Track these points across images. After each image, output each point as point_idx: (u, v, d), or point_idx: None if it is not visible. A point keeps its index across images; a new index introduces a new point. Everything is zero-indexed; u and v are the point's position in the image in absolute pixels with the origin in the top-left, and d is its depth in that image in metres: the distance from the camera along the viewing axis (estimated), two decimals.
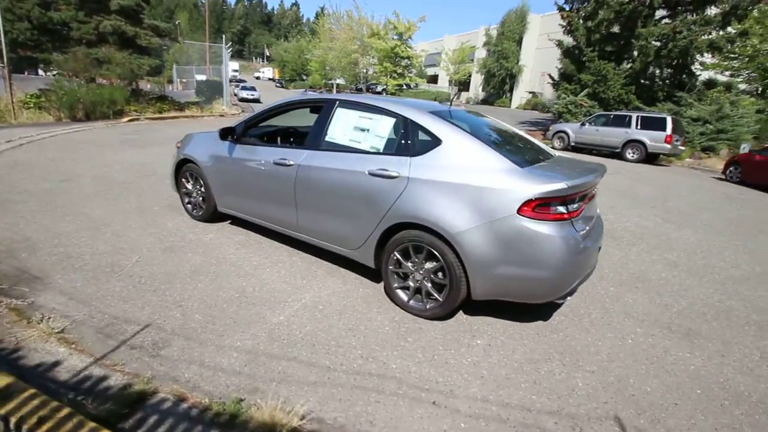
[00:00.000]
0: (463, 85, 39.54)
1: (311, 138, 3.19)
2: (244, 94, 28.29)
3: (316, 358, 2.25)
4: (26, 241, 3.47)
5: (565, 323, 2.86)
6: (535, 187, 2.31)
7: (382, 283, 3.16)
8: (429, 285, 2.69)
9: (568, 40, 18.52)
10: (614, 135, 13.29)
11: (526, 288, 2.45)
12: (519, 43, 34.40)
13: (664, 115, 12.86)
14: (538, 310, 2.92)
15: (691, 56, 15.45)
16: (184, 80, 28.28)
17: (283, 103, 3.54)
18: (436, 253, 2.56)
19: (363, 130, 2.97)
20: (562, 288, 2.44)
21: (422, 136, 2.73)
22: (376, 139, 2.88)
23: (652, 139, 12.54)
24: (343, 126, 3.07)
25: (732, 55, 15.79)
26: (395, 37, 27.53)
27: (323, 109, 3.19)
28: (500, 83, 35.86)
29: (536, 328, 2.76)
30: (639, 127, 12.84)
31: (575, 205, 2.42)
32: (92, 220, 4.09)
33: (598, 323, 2.90)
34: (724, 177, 11.14)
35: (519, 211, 2.31)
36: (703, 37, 14.27)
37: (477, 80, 38.86)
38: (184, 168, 4.19)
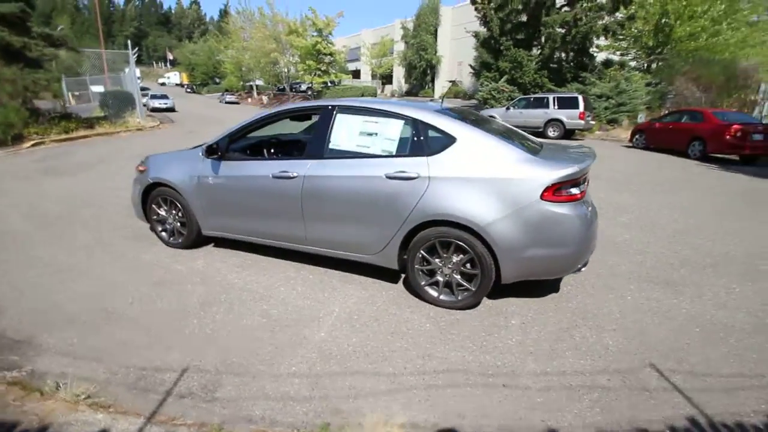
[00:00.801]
0: (386, 78, 40.22)
1: (313, 147, 3.10)
2: (156, 103, 25.63)
3: (377, 367, 2.26)
4: None
5: (573, 291, 3.16)
6: (552, 173, 2.52)
7: (399, 282, 3.21)
8: (459, 277, 2.80)
9: (484, 31, 19.67)
10: (536, 116, 14.56)
11: (551, 265, 2.68)
12: (435, 34, 35.76)
13: (576, 95, 14.36)
14: (547, 284, 3.19)
15: (589, 40, 17.37)
16: (77, 93, 25.01)
17: (271, 114, 3.38)
18: (465, 246, 2.68)
19: (371, 134, 2.96)
20: (581, 260, 2.70)
21: (435, 135, 2.81)
22: (387, 142, 2.90)
23: (568, 117, 13.96)
24: (347, 132, 3.03)
25: (620, 37, 18.04)
26: (315, 33, 27.06)
27: (320, 117, 3.12)
28: (422, 74, 37.05)
29: (553, 300, 3.02)
30: (556, 107, 14.20)
31: (583, 186, 2.68)
32: (51, 263, 3.56)
33: (598, 287, 3.25)
34: (631, 144, 12.78)
35: (542, 196, 2.51)
36: (599, 22, 16.08)
37: (399, 73, 39.72)
38: (153, 193, 3.82)
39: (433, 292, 2.90)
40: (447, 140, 2.75)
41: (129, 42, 18.16)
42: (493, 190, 2.58)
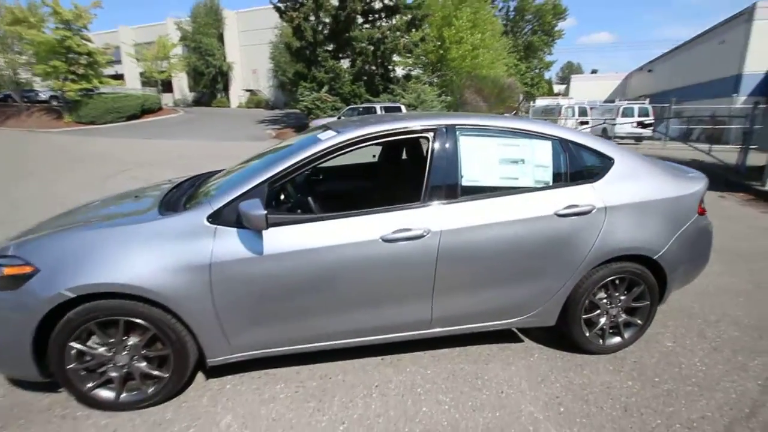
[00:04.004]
0: (165, 85, 34.11)
1: (435, 186, 2.09)
2: None
3: None
4: None
5: None
6: (700, 185, 2.50)
7: (548, 348, 2.59)
8: (624, 316, 2.46)
9: (295, 41, 19.13)
10: None
11: (688, 279, 2.65)
12: (221, 39, 32.62)
13: (399, 104, 15.80)
14: None
15: (390, 57, 19.40)
16: None
17: (345, 142, 2.10)
18: (637, 279, 2.36)
19: (515, 162, 2.22)
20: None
21: (590, 157, 2.34)
22: (540, 171, 2.23)
23: None
24: (482, 160, 2.19)
25: (410, 55, 20.90)
26: (61, 26, 20.22)
27: (435, 142, 2.14)
28: (211, 82, 33.26)
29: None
30: None
31: None
32: None
33: None
34: None
35: (698, 210, 2.45)
36: (402, 41, 18.11)
37: (182, 79, 34.38)
38: (72, 316, 1.82)
39: (599, 341, 2.46)
40: (604, 162, 2.34)
41: None
42: (664, 213, 2.35)
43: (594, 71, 57.23)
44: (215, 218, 1.89)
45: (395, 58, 20.43)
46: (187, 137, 17.13)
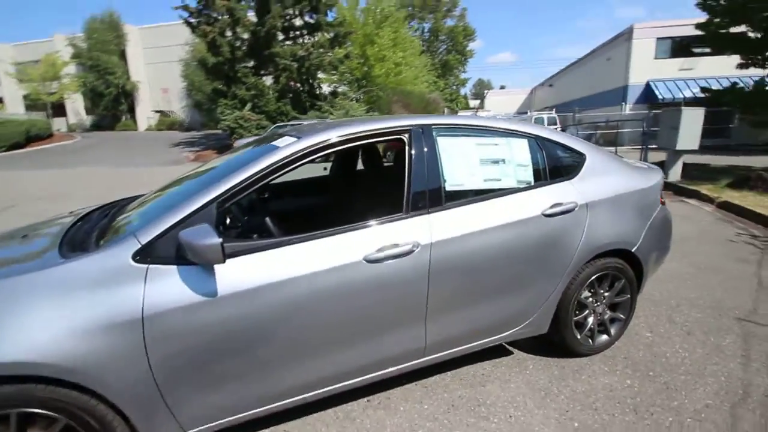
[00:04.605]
0: (56, 108, 30.01)
1: (416, 192, 1.83)
2: None
3: None
4: None
5: None
6: (660, 177, 2.58)
7: (540, 357, 2.44)
8: (610, 312, 2.40)
9: (210, 57, 18.02)
10: None
11: (658, 266, 2.70)
12: (123, 56, 29.71)
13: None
14: None
15: (315, 73, 19.14)
16: None
17: (313, 146, 1.73)
18: (618, 274, 2.32)
19: (495, 162, 2.06)
20: None
21: (564, 153, 2.26)
22: (521, 170, 2.09)
23: None
24: (463, 162, 1.98)
25: (339, 71, 20.87)
26: None
27: (410, 145, 1.89)
28: (113, 103, 29.98)
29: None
30: None
31: None
32: None
33: None
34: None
35: (661, 201, 2.51)
36: (327, 57, 17.94)
37: (78, 101, 30.58)
38: None
39: (590, 341, 2.37)
40: (576, 158, 2.29)
41: None
42: (636, 205, 2.36)
43: (503, 87, 62.82)
44: (145, 255, 1.41)
45: (320, 75, 20.22)
46: (89, 164, 15.05)
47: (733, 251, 4.15)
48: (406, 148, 1.88)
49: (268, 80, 19.09)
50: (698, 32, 10.14)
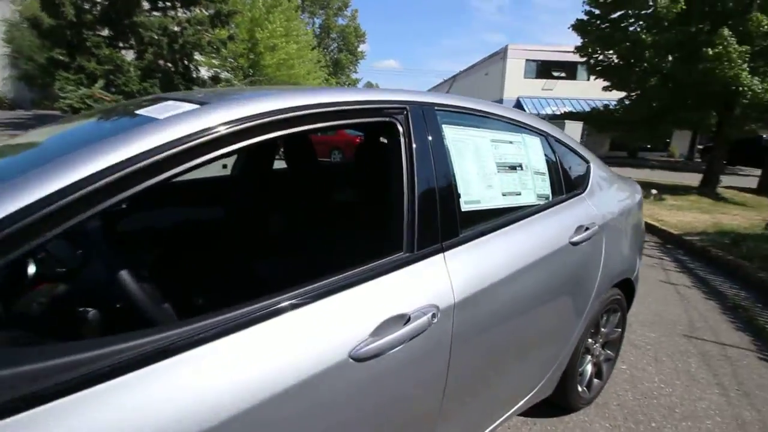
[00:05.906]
0: None
1: (422, 217, 1.07)
2: None
3: None
4: None
5: None
6: (639, 187, 2.30)
7: (533, 419, 1.89)
8: (605, 352, 2.01)
9: (47, 18, 14.07)
10: None
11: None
12: None
13: None
14: None
15: (191, 53, 16.53)
16: None
17: (246, 119, 0.83)
18: (617, 306, 1.95)
19: (513, 167, 1.42)
20: None
21: (574, 159, 1.77)
22: (539, 179, 1.50)
23: None
24: (477, 167, 1.29)
25: (216, 55, 18.41)
26: None
27: (413, 131, 1.11)
28: None
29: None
30: None
31: None
32: None
33: None
34: None
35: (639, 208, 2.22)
36: (206, 37, 15.54)
37: None
38: None
39: (588, 392, 1.93)
40: (584, 166, 1.83)
41: None
42: (633, 223, 2.02)
43: None
44: None
45: (198, 57, 17.57)
46: None
47: None
48: (402, 137, 1.11)
49: (129, 55, 15.82)
50: (557, 59, 11.56)
